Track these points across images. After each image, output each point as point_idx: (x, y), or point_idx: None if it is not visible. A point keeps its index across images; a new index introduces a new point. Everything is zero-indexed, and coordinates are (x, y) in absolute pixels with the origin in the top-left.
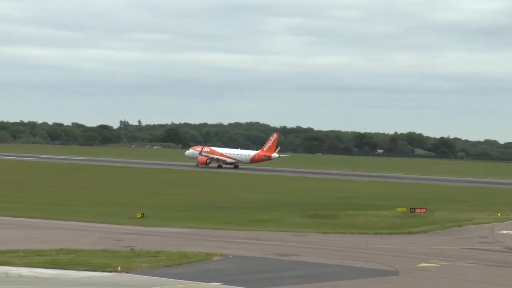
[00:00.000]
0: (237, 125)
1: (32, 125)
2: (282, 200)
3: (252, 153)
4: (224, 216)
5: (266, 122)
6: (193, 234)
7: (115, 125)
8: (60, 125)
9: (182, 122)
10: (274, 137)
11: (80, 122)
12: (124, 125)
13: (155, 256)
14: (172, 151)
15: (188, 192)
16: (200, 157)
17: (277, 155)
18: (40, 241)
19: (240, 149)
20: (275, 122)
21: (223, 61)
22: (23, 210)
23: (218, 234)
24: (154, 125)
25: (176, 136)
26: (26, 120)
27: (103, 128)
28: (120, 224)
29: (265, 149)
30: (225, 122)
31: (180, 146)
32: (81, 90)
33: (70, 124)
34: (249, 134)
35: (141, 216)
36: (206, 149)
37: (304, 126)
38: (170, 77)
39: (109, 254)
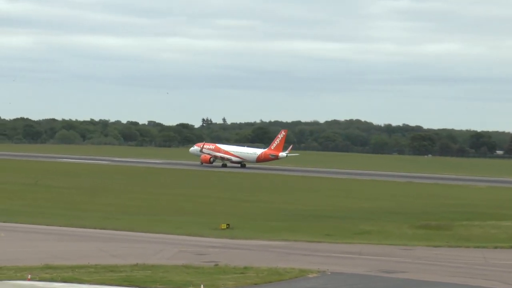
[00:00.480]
0: (335, 123)
1: (104, 124)
2: (387, 208)
3: (258, 151)
4: (320, 227)
5: (368, 120)
6: (286, 247)
7: (197, 123)
8: (135, 124)
9: (273, 120)
10: (282, 134)
11: (157, 121)
12: (207, 123)
13: (242, 273)
14: None
15: (276, 199)
16: (203, 155)
17: (285, 154)
18: (112, 255)
19: (247, 146)
20: (378, 119)
21: (319, 50)
22: (93, 219)
23: (314, 248)
24: (240, 124)
25: (265, 135)
26: (97, 119)
27: (183, 127)
28: (202, 236)
29: (272, 148)
30: (322, 120)
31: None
32: (159, 83)
33: (146, 123)
34: (349, 134)
35: (227, 227)
36: (211, 146)
37: (412, 124)
38: (259, 68)
39: (190, 271)
